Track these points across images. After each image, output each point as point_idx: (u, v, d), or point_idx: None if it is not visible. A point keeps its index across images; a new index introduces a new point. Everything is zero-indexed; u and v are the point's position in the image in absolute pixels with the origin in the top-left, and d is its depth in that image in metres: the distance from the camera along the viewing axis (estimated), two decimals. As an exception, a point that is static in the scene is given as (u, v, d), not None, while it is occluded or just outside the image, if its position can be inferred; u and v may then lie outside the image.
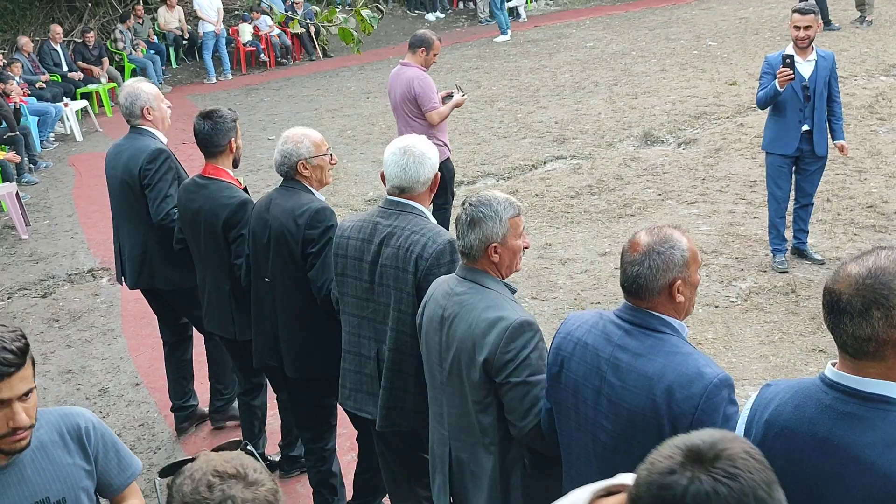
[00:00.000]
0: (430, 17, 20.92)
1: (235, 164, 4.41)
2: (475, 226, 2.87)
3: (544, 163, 9.74)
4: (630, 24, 18.54)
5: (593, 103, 12.09)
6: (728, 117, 10.49)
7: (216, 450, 1.91)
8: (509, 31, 18.23)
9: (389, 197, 3.43)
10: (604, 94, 12.55)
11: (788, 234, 6.77)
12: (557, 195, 8.60)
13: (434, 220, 3.42)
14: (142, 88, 4.82)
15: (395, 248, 3.32)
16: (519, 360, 2.74)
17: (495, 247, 2.87)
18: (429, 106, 6.70)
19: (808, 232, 6.75)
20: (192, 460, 1.70)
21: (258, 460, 1.76)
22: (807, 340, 5.56)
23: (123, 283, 5.18)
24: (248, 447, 2.36)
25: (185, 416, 5.31)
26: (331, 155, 3.94)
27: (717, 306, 6.16)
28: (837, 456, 1.92)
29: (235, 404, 5.07)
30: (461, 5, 21.21)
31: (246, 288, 4.20)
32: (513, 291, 2.97)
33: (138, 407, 5.62)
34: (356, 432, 4.11)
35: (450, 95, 6.91)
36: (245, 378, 4.70)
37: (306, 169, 3.86)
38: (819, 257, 6.65)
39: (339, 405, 3.87)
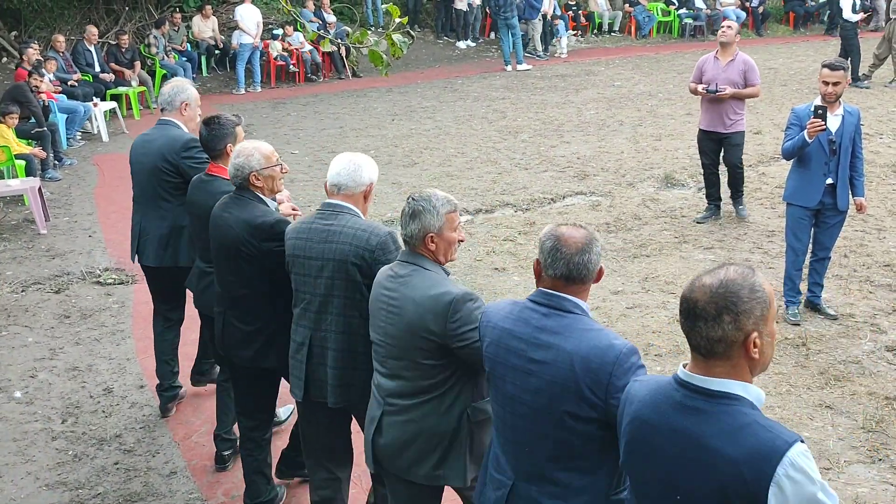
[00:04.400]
0: (461, 44, 21.09)
1: None
2: (415, 217, 3.26)
3: (563, 197, 9.76)
4: (659, 66, 18.62)
5: (617, 142, 12.12)
6: (750, 166, 10.48)
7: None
8: (510, 66, 18.57)
9: (327, 200, 3.80)
10: (628, 134, 12.58)
11: (803, 286, 6.74)
12: (574, 230, 8.58)
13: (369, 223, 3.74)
14: (187, 86, 5.29)
15: (339, 244, 3.65)
16: (468, 325, 3.13)
17: (432, 236, 3.27)
18: None
19: (822, 286, 6.72)
20: None
21: None
22: (814, 395, 5.53)
23: (136, 262, 5.51)
24: None
25: (172, 397, 5.56)
26: (281, 165, 4.24)
27: (726, 353, 6.12)
28: (687, 446, 2.21)
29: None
30: (492, 35, 21.36)
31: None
32: (447, 274, 3.35)
33: (141, 409, 5.63)
34: None
35: None
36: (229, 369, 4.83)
37: (258, 180, 4.14)
38: (832, 312, 6.62)
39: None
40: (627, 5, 23.23)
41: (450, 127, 13.43)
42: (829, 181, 6.37)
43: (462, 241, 3.40)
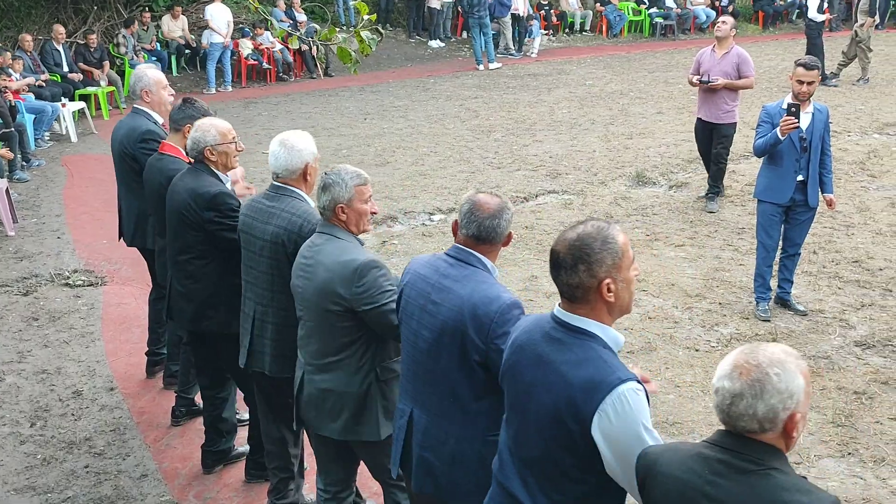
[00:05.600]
0: (433, 43, 21.07)
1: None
2: (326, 190, 3.53)
3: (536, 196, 9.78)
4: (630, 66, 18.71)
5: (589, 140, 12.16)
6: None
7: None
8: (482, 66, 18.59)
9: (273, 182, 3.99)
10: (600, 133, 12.63)
11: (773, 283, 6.80)
12: (547, 229, 8.63)
13: (313, 204, 3.86)
14: (146, 72, 5.45)
15: (275, 226, 3.87)
16: (372, 290, 3.41)
17: (342, 207, 3.52)
18: None
19: (792, 282, 6.78)
20: None
21: None
22: (784, 390, 5.56)
23: (121, 241, 5.79)
24: None
25: (156, 362, 5.93)
26: (236, 143, 4.44)
27: (697, 350, 6.17)
28: (546, 370, 2.51)
29: None
30: (464, 34, 21.37)
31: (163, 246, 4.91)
32: (361, 244, 3.61)
33: (111, 412, 5.57)
34: None
35: None
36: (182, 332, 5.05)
37: (213, 155, 4.35)
38: (802, 308, 6.68)
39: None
40: (599, 5, 23.32)
41: (422, 126, 13.42)
42: (800, 178, 6.42)
43: (375, 213, 3.66)
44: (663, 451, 2.31)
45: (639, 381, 2.41)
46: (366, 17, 3.65)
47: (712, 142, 9.13)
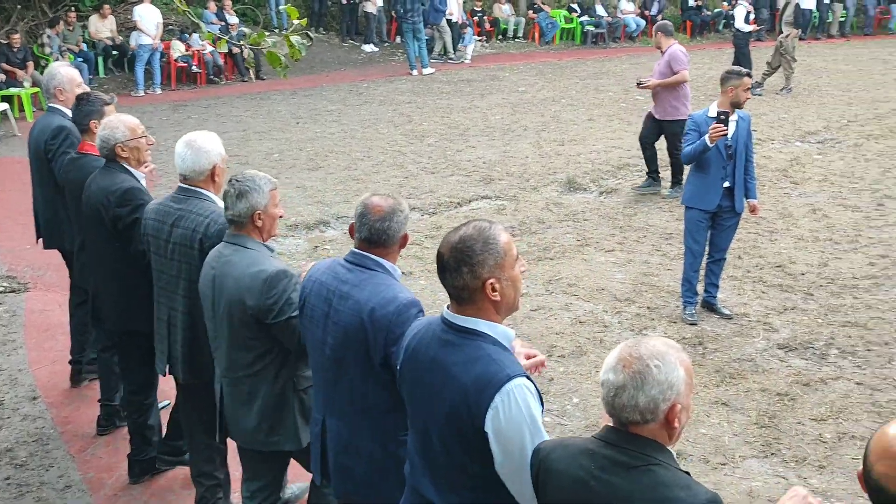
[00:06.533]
0: (367, 48, 21.03)
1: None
2: (243, 197, 3.46)
3: (470, 201, 9.82)
4: (562, 73, 18.93)
5: (521, 147, 12.26)
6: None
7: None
8: (416, 71, 18.65)
9: (180, 184, 3.96)
10: (532, 139, 12.75)
11: (700, 287, 6.94)
12: (479, 234, 8.66)
13: (221, 205, 3.75)
14: (58, 70, 5.46)
15: (183, 228, 3.84)
16: (280, 302, 3.38)
17: (259, 213, 3.49)
18: None
19: (718, 287, 6.93)
20: None
21: None
22: (710, 392, 5.69)
23: (38, 244, 5.78)
24: None
25: (79, 370, 5.83)
26: (146, 137, 4.45)
27: (627, 354, 6.25)
28: (438, 373, 2.52)
29: None
30: (397, 39, 21.36)
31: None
32: (271, 251, 3.59)
33: (34, 422, 5.42)
34: None
35: None
36: (106, 335, 4.98)
37: (124, 151, 4.34)
38: (727, 312, 6.83)
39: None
40: (531, 12, 23.56)
41: (355, 130, 13.37)
42: (727, 185, 6.58)
43: (282, 216, 3.68)
44: (555, 447, 2.36)
45: (528, 377, 2.45)
46: (296, 21, 3.63)
47: (657, 133, 9.98)
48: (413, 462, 2.72)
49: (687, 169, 6.91)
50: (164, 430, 4.90)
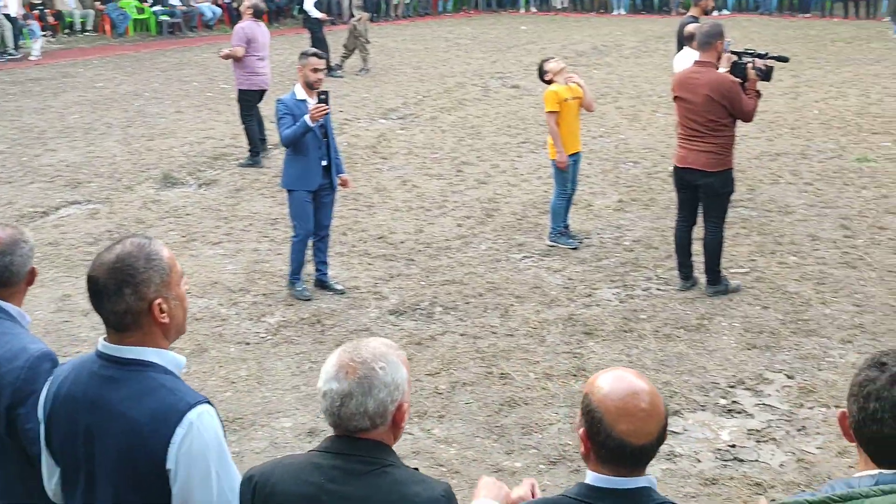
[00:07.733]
0: None
1: None
2: None
3: (57, 209, 9.10)
4: (141, 65, 18.19)
5: (107, 145, 11.61)
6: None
7: None
8: None
9: None
10: (118, 136, 12.12)
11: (311, 267, 7.10)
12: (74, 243, 8.09)
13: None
14: None
15: None
16: None
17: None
18: None
19: (328, 263, 7.14)
20: None
21: None
22: (334, 367, 5.86)
23: None
24: None
25: None
26: None
27: (248, 343, 6.24)
28: (102, 414, 2.23)
29: None
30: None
31: None
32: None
33: None
34: None
35: None
36: None
37: None
38: (340, 287, 7.07)
39: None
40: (99, 3, 22.24)
41: None
42: (324, 163, 6.82)
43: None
44: (273, 468, 2.23)
45: (209, 402, 2.26)
46: None
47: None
48: None
49: (283, 153, 7.01)
50: None
